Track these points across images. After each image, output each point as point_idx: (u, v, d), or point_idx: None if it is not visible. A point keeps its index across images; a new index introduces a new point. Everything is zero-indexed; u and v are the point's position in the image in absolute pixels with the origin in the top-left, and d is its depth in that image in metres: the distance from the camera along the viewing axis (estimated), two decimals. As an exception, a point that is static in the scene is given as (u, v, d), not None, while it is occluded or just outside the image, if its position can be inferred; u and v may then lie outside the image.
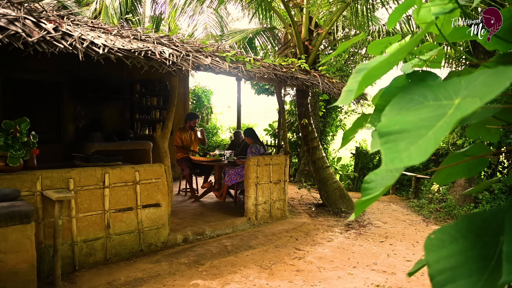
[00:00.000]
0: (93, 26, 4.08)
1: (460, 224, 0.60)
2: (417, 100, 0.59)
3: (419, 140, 0.50)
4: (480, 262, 0.53)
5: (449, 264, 0.54)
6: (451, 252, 0.55)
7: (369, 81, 0.72)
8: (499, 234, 0.56)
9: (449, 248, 0.56)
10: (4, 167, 3.47)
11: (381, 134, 0.53)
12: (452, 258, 0.54)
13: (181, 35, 7.55)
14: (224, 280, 3.84)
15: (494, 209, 0.61)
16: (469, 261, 0.54)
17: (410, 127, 0.52)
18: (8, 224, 2.83)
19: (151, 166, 4.49)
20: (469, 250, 0.55)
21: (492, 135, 1.17)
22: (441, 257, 0.56)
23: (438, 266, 0.54)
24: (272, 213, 5.96)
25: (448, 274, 0.53)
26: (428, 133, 0.50)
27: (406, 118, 0.55)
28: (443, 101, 0.56)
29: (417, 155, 0.48)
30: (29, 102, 7.06)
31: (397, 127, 0.53)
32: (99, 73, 7.04)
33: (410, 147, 0.50)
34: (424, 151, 0.48)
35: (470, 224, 0.58)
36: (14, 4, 3.40)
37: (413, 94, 0.60)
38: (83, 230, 3.90)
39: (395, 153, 0.50)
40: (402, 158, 0.49)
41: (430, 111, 0.55)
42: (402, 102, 0.59)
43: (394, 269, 4.33)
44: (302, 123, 7.00)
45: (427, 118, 0.53)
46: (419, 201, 7.95)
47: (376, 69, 0.68)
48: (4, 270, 2.81)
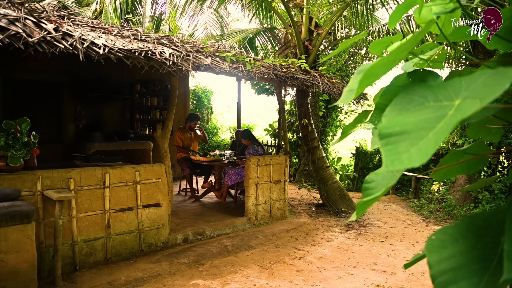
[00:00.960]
0: (93, 26, 4.08)
1: (461, 224, 0.59)
2: (417, 101, 0.58)
3: (419, 141, 0.50)
4: (481, 263, 0.53)
5: (450, 265, 0.54)
6: (452, 253, 0.55)
7: (369, 79, 0.71)
8: (499, 235, 0.56)
9: (450, 249, 0.56)
10: (4, 167, 3.47)
11: (382, 135, 0.53)
12: (453, 259, 0.54)
13: (181, 35, 7.54)
14: (224, 280, 3.84)
15: (494, 209, 0.60)
16: (470, 262, 0.53)
17: (411, 128, 0.52)
18: (9, 224, 2.83)
19: (152, 166, 4.49)
20: (470, 251, 0.55)
21: (493, 135, 1.17)
22: (443, 258, 0.55)
23: (440, 267, 0.54)
24: (272, 213, 5.96)
25: (450, 275, 0.53)
26: (428, 134, 0.50)
27: (406, 119, 0.55)
28: (443, 102, 0.55)
29: (417, 157, 0.48)
30: (29, 102, 7.06)
31: (398, 129, 0.53)
32: (100, 73, 7.04)
33: (411, 149, 0.49)
34: (425, 153, 0.48)
35: (471, 225, 0.58)
36: (15, 5, 3.40)
37: (413, 95, 0.60)
38: (84, 230, 3.90)
39: (395, 154, 0.50)
40: (402, 160, 0.49)
41: (430, 112, 0.54)
42: (403, 103, 0.59)
43: (394, 269, 4.33)
44: (302, 123, 7.00)
45: (428, 119, 0.53)
46: (419, 201, 7.95)
47: (377, 67, 0.68)
48: (5, 270, 2.80)
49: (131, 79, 8.18)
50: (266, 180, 5.85)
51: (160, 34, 5.01)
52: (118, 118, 8.24)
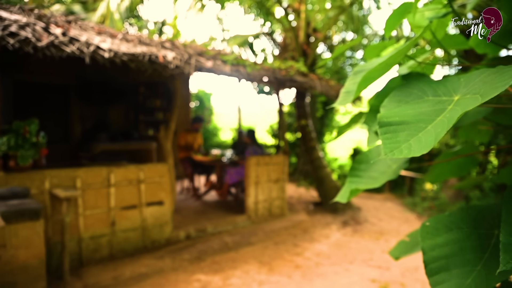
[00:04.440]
0: (99, 31, 4.09)
1: (455, 215, 0.60)
2: (416, 94, 0.58)
3: (418, 133, 0.49)
4: (475, 253, 0.53)
5: (443, 252, 0.54)
6: (445, 241, 0.56)
7: (367, 82, 0.73)
8: (493, 228, 0.56)
9: (443, 237, 0.56)
10: (14, 166, 3.48)
11: (381, 124, 0.53)
12: (447, 247, 0.55)
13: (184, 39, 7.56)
14: (225, 275, 3.84)
15: (489, 204, 0.61)
16: (463, 251, 0.54)
17: (410, 119, 0.52)
18: (19, 221, 2.84)
19: (155, 165, 4.50)
20: (463, 241, 0.55)
21: (483, 135, 1.19)
22: (436, 245, 0.56)
23: (433, 254, 0.55)
24: (272, 211, 5.97)
25: (443, 262, 0.53)
26: (427, 126, 0.49)
27: (405, 111, 0.54)
28: (442, 97, 0.55)
29: (417, 147, 0.47)
30: (38, 104, 7.07)
31: (397, 119, 0.52)
32: (105, 76, 7.05)
33: (410, 139, 0.49)
34: (425, 144, 0.47)
35: (465, 216, 0.59)
36: (25, 10, 3.41)
37: (412, 89, 0.60)
38: (90, 227, 3.91)
39: (395, 143, 0.49)
40: (402, 149, 0.48)
41: (429, 105, 0.54)
42: (401, 95, 0.59)
43: (389, 264, 4.34)
44: (300, 124, 7.01)
45: (427, 112, 0.52)
46: (413, 199, 7.96)
47: (374, 71, 0.69)
48: (16, 265, 2.83)
49: (136, 82, 8.19)
50: (266, 179, 5.86)
51: (163, 38, 5.02)
52: (123, 119, 8.25)
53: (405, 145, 0.48)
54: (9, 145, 3.38)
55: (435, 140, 0.47)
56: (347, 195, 0.84)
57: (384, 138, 0.50)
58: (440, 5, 0.92)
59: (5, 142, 3.34)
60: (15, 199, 3.09)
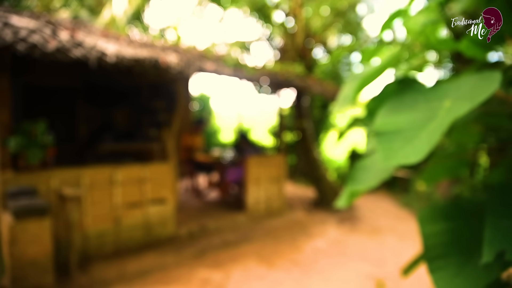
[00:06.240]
0: (104, 35, 4.10)
1: (449, 206, 0.60)
2: (408, 104, 0.59)
3: (413, 139, 0.50)
4: (471, 243, 0.53)
5: (441, 239, 0.54)
6: (442, 229, 0.56)
7: (363, 86, 0.74)
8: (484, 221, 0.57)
9: (440, 225, 0.56)
10: (23, 166, 3.49)
11: (377, 133, 0.54)
12: (445, 235, 0.54)
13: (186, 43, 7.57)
14: (226, 271, 3.86)
15: (485, 198, 0.61)
16: (460, 240, 0.54)
17: (404, 127, 0.52)
18: (28, 218, 2.86)
19: (158, 164, 4.51)
20: (460, 230, 0.55)
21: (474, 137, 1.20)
22: (433, 232, 0.56)
23: (432, 240, 0.55)
24: (271, 209, 5.98)
25: (440, 250, 0.53)
26: (421, 133, 0.50)
27: (399, 118, 0.55)
28: (433, 104, 0.56)
29: (412, 154, 0.48)
30: (46, 105, 7.10)
31: (392, 127, 0.53)
32: (110, 78, 7.07)
33: (406, 146, 0.50)
34: (420, 150, 0.48)
35: (459, 207, 0.59)
36: (34, 16, 3.42)
37: (404, 98, 0.61)
38: (95, 224, 3.92)
39: (391, 151, 0.50)
40: (398, 157, 0.49)
41: (421, 113, 0.55)
42: (395, 105, 0.60)
43: (384, 260, 4.35)
44: (299, 125, 7.02)
45: (419, 119, 0.53)
46: (408, 198, 7.97)
47: (370, 75, 0.70)
48: (25, 260, 2.85)
49: (140, 84, 8.21)
50: (265, 178, 5.87)
51: (166, 42, 5.03)
52: (127, 120, 8.28)
53: (401, 153, 0.49)
54: (19, 145, 3.40)
55: (428, 145, 0.48)
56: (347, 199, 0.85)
57: (381, 147, 0.51)
58: (433, 11, 0.94)
59: (16, 142, 3.36)
60: (24, 197, 3.10)
